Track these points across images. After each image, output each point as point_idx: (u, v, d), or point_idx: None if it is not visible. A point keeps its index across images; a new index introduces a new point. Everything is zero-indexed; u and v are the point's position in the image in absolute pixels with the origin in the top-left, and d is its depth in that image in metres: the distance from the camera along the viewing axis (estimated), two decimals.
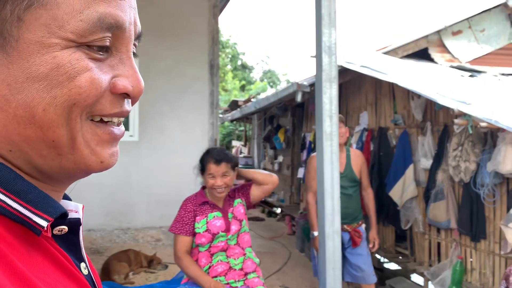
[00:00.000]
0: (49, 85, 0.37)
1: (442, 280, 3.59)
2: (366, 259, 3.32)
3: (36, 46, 0.36)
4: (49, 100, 0.37)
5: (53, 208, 0.38)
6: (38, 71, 0.36)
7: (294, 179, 7.65)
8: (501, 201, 3.21)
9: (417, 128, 4.16)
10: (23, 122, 0.37)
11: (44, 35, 0.36)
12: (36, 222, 0.36)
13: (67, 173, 0.41)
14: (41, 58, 0.37)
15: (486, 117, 2.57)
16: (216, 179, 2.25)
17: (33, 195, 0.37)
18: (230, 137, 15.91)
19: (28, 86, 0.36)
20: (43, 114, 0.37)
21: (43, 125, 0.38)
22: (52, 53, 0.37)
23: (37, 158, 0.39)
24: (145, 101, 5.68)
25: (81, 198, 5.00)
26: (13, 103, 0.37)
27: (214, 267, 2.26)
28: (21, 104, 0.37)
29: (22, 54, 0.36)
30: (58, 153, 0.39)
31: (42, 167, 0.40)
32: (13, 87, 0.36)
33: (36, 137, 0.38)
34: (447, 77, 4.17)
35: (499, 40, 4.99)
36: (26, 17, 0.36)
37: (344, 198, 3.27)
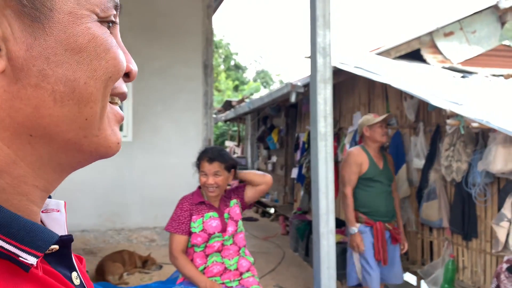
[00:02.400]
0: (88, 57, 0.36)
1: (434, 278, 3.63)
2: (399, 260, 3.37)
3: (70, 17, 0.35)
4: (89, 72, 0.36)
5: (41, 241, 0.33)
6: (77, 42, 0.35)
7: (287, 179, 7.68)
8: (492, 200, 3.26)
9: (409, 129, 4.20)
10: (61, 99, 0.35)
11: (75, 6, 0.35)
12: (24, 258, 0.32)
13: (82, 158, 0.39)
14: (77, 29, 0.35)
15: (477, 118, 2.61)
16: (208, 177, 2.27)
17: (17, 227, 0.32)
18: (223, 137, 15.90)
19: (68, 59, 0.35)
20: (84, 88, 0.36)
21: (82, 100, 0.36)
22: (86, 23, 0.36)
23: (59, 143, 0.37)
24: (139, 102, 5.66)
25: (74, 198, 4.99)
26: (52, 78, 0.34)
27: (209, 268, 2.27)
28: (61, 78, 0.34)
29: (58, 25, 0.34)
30: (85, 135, 0.37)
31: (58, 155, 0.37)
32: (51, 60, 0.34)
33: (70, 115, 0.36)
34: (439, 78, 4.22)
35: (490, 42, 5.06)
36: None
37: (386, 195, 3.28)
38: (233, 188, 2.47)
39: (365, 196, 3.24)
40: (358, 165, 3.23)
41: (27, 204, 0.36)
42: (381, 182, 3.26)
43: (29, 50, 0.33)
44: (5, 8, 0.32)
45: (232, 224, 2.33)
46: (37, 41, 0.34)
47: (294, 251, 5.46)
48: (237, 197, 2.42)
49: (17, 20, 0.33)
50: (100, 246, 5.04)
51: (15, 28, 0.33)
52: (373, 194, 3.24)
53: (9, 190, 0.35)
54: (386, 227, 3.24)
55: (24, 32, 0.33)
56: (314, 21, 2.65)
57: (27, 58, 0.33)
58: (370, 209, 3.22)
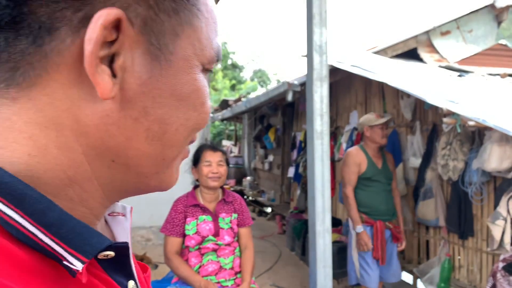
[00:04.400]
0: (187, 106, 0.38)
1: (430, 277, 3.63)
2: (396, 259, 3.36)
3: (184, 64, 0.37)
4: (183, 120, 0.38)
5: (90, 246, 0.32)
6: (182, 90, 0.37)
7: (284, 179, 7.67)
8: (488, 199, 3.26)
9: (406, 127, 4.20)
10: (152, 138, 0.37)
11: (191, 55, 0.37)
12: (69, 263, 0.31)
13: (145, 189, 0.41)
14: (186, 77, 0.37)
15: (474, 116, 2.60)
16: (212, 166, 2.26)
17: (67, 229, 0.32)
18: (220, 136, 15.87)
19: (170, 103, 0.36)
20: (174, 133, 0.38)
21: (168, 144, 0.38)
22: (194, 74, 0.38)
23: (133, 174, 0.38)
24: None
25: None
26: (151, 117, 0.36)
27: (204, 266, 2.26)
28: (159, 119, 0.36)
29: (172, 69, 0.36)
30: (156, 171, 0.39)
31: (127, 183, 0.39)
32: (156, 100, 0.36)
33: (153, 154, 0.38)
34: (436, 77, 4.22)
35: (486, 41, 5.07)
36: (180, 33, 0.36)
37: (385, 193, 3.28)
38: (241, 206, 2.40)
39: (365, 196, 3.25)
40: (357, 165, 3.23)
41: (90, 217, 0.38)
42: (380, 182, 3.26)
43: (141, 85, 0.35)
44: (137, 44, 0.34)
45: (230, 234, 2.30)
46: (150, 79, 0.35)
47: (290, 250, 5.46)
48: (238, 215, 2.37)
49: (140, 55, 0.34)
50: None
51: (136, 62, 0.34)
52: (373, 193, 3.24)
53: (77, 200, 0.36)
54: (387, 225, 3.24)
55: (142, 68, 0.35)
56: (310, 19, 2.64)
57: (137, 92, 0.35)
58: (370, 208, 3.22)
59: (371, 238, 3.18)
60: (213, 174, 2.25)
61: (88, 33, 0.31)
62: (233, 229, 2.32)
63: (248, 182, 9.67)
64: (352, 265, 3.27)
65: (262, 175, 9.54)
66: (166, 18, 0.35)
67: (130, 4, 0.33)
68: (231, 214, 2.34)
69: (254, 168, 10.14)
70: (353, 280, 3.29)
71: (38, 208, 0.31)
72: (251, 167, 10.45)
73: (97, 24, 0.31)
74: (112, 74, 0.33)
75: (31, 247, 0.31)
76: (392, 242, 3.30)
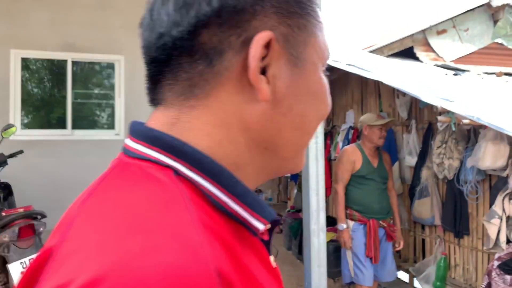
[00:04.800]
0: (317, 100, 0.47)
1: (426, 276, 3.63)
2: (392, 257, 3.36)
3: (312, 67, 0.46)
4: (314, 112, 0.47)
5: (267, 213, 0.43)
6: (313, 88, 0.47)
7: (281, 178, 7.67)
8: (483, 198, 3.26)
9: (402, 126, 4.19)
10: (295, 127, 0.46)
11: (315, 59, 0.47)
12: (253, 224, 0.42)
13: (282, 172, 0.50)
14: (314, 77, 0.47)
15: (468, 114, 2.60)
16: None
17: (250, 199, 0.42)
18: None
19: (306, 99, 0.46)
20: (309, 123, 0.47)
21: (305, 132, 0.47)
22: (319, 74, 0.47)
23: (278, 159, 0.47)
24: (131, 99, 5.62)
25: (66, 198, 4.87)
26: (294, 111, 0.45)
27: None
28: (299, 112, 0.46)
29: (305, 73, 0.45)
30: (294, 156, 0.48)
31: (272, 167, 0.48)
32: (297, 98, 0.45)
33: (294, 141, 0.47)
34: (432, 76, 4.21)
35: (482, 40, 5.06)
36: (308, 43, 0.46)
37: (380, 192, 3.28)
38: None
39: (358, 194, 3.25)
40: (351, 163, 3.24)
41: None
42: (375, 180, 3.26)
43: (286, 88, 0.44)
44: (281, 55, 0.43)
45: None
46: (292, 82, 0.44)
47: (287, 249, 5.45)
48: None
49: (285, 64, 0.44)
50: None
51: (282, 70, 0.44)
52: (366, 191, 3.24)
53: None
54: (381, 224, 3.23)
55: (286, 74, 0.44)
56: None
57: (284, 93, 0.44)
58: (363, 206, 3.22)
59: (365, 237, 3.18)
60: None
61: (251, 52, 0.41)
62: None
63: None
64: (346, 264, 3.27)
65: None
66: (299, 33, 0.45)
67: (276, 26, 0.43)
68: None
69: None
70: (347, 278, 3.29)
71: (230, 182, 0.41)
72: None
73: (258, 45, 0.41)
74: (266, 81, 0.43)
75: (221, 211, 0.40)
76: (386, 241, 3.30)
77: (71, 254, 0.34)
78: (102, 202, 0.39)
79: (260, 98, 0.42)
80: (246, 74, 0.42)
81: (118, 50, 5.60)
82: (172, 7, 0.42)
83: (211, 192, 0.40)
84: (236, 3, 0.41)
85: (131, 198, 0.37)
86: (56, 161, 5.38)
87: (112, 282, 0.30)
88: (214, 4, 0.41)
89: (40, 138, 5.38)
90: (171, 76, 0.43)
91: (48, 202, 4.69)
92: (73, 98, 5.63)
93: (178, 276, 0.31)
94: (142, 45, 0.47)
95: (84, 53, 5.54)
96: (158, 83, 0.45)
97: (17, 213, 2.62)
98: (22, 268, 2.46)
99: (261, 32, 0.41)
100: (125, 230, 0.34)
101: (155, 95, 0.46)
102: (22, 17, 5.30)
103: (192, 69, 0.42)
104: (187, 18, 0.41)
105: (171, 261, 0.31)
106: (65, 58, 5.53)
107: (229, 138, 0.43)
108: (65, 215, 0.44)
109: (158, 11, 0.44)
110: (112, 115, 5.76)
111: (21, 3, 5.30)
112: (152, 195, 0.37)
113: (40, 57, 5.55)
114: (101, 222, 0.36)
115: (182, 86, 0.43)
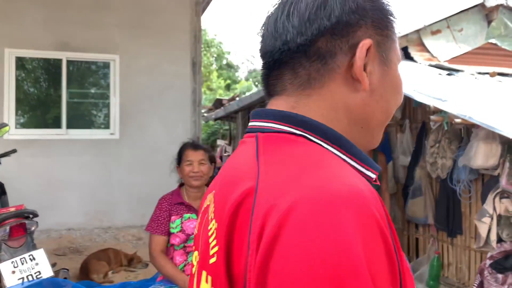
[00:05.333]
0: (397, 92, 0.62)
1: (420, 275, 3.64)
2: None
3: (394, 66, 0.61)
4: (394, 100, 0.62)
5: (374, 166, 0.57)
6: (395, 82, 0.61)
7: None
8: (476, 197, 3.27)
9: (396, 126, 4.20)
10: (383, 111, 0.61)
11: (395, 59, 0.61)
12: (367, 175, 0.56)
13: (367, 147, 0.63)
14: (395, 74, 0.61)
15: (460, 113, 2.61)
16: (193, 165, 2.24)
17: (362, 156, 0.57)
18: (215, 136, 15.85)
19: (390, 90, 0.61)
20: (391, 108, 0.62)
21: (388, 115, 0.62)
22: (397, 71, 0.62)
23: (369, 135, 0.62)
24: (126, 99, 5.61)
25: (60, 197, 4.88)
26: (383, 99, 0.60)
27: (189, 265, 2.25)
28: (386, 100, 0.60)
29: (390, 71, 0.60)
30: (379, 133, 0.63)
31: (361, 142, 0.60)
32: (385, 89, 0.60)
33: (382, 121, 0.62)
34: (426, 75, 4.23)
35: (476, 40, 5.08)
36: (391, 46, 0.60)
37: None
38: None
39: None
40: None
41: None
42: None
43: (378, 81, 0.58)
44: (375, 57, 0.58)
45: None
46: (382, 77, 0.59)
47: None
48: None
49: (377, 64, 0.58)
50: (87, 244, 4.99)
51: (375, 68, 0.58)
52: None
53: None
54: None
55: (378, 71, 0.58)
56: None
57: (377, 85, 0.58)
58: None
59: None
60: (194, 174, 2.24)
61: (358, 54, 0.55)
62: None
63: None
64: None
65: None
66: (387, 40, 0.60)
67: (373, 35, 0.57)
68: None
69: None
70: None
71: (347, 145, 0.56)
72: None
73: (362, 49, 0.56)
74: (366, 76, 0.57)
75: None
76: None
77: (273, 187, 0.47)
78: (276, 156, 0.53)
79: (361, 88, 0.57)
80: (350, 70, 0.56)
81: (113, 49, 5.59)
82: (297, 21, 0.57)
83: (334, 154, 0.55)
84: (348, 19, 0.56)
85: (298, 151, 0.53)
86: (51, 160, 5.37)
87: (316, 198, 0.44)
88: (333, 20, 0.56)
89: (35, 138, 5.36)
90: (291, 73, 0.58)
91: (42, 201, 4.68)
92: (68, 97, 5.62)
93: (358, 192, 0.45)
94: (263, 51, 0.61)
95: (79, 52, 5.52)
96: (278, 79, 0.59)
97: (8, 212, 2.61)
98: (14, 268, 2.45)
99: (364, 39, 0.56)
100: (310, 167, 0.49)
101: (274, 87, 0.61)
102: (17, 16, 5.28)
103: (310, 67, 0.57)
104: (310, 30, 0.56)
105: (351, 183, 0.46)
106: (60, 57, 5.51)
107: (337, 118, 0.58)
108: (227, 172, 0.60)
109: (284, 24, 0.58)
110: (107, 114, 5.75)
111: (16, 2, 5.28)
112: (309, 149, 0.53)
113: (35, 56, 5.53)
114: (286, 166, 0.50)
115: (301, 79, 0.58)
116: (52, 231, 5.16)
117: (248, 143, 0.59)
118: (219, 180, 0.61)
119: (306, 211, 0.43)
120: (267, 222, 0.44)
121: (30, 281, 2.44)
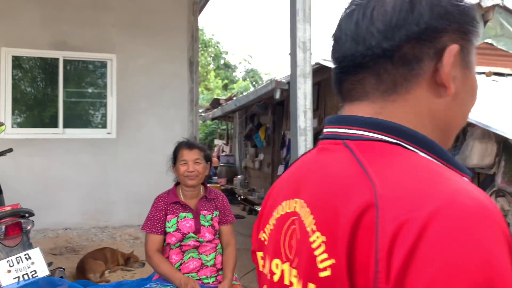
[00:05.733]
0: (474, 94, 0.61)
1: None
2: None
3: (468, 71, 0.59)
4: (471, 103, 0.62)
5: (467, 171, 0.56)
6: (473, 85, 0.61)
7: (274, 177, 7.68)
8: None
9: None
10: (462, 115, 0.61)
11: (473, 63, 0.60)
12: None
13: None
14: (473, 77, 0.60)
15: None
16: (188, 165, 2.24)
17: (456, 162, 0.55)
18: (212, 135, 15.84)
19: (470, 94, 0.60)
20: (467, 112, 0.62)
21: (464, 118, 0.62)
22: (474, 75, 0.61)
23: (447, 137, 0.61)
24: (123, 98, 5.61)
25: (57, 196, 4.88)
26: (463, 102, 0.60)
27: (185, 263, 2.25)
28: (466, 103, 0.60)
29: (470, 74, 0.59)
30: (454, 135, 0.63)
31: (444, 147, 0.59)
32: (466, 93, 0.59)
33: (460, 124, 0.62)
34: None
35: None
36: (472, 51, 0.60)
37: None
38: (223, 203, 2.39)
39: None
40: None
41: None
42: None
43: (461, 86, 0.58)
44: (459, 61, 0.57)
45: (211, 231, 2.29)
46: (464, 81, 0.58)
47: None
48: (220, 213, 2.36)
49: (460, 68, 0.58)
50: (83, 244, 4.99)
51: (459, 73, 0.57)
52: None
53: None
54: None
55: (461, 75, 0.58)
56: (294, 15, 2.64)
57: (460, 90, 0.58)
58: None
59: None
60: (189, 173, 2.24)
61: (445, 60, 0.55)
62: (214, 226, 2.30)
63: (239, 181, 9.66)
64: None
65: (252, 174, 9.54)
66: (469, 44, 0.59)
67: (457, 40, 0.57)
68: (212, 212, 2.33)
69: (245, 167, 10.14)
70: None
71: (440, 151, 0.55)
72: (242, 165, 10.45)
73: (450, 55, 0.55)
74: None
75: None
76: None
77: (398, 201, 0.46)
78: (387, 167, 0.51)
79: (446, 94, 0.57)
80: (434, 75, 0.56)
81: (110, 48, 5.58)
82: (382, 25, 0.56)
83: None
84: (437, 25, 0.55)
85: (413, 161, 0.52)
86: (47, 160, 5.36)
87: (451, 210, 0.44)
88: (421, 25, 0.55)
89: (32, 137, 5.35)
90: (375, 78, 0.57)
91: (38, 200, 4.67)
92: (65, 96, 5.60)
93: (487, 207, 0.45)
94: (341, 54, 0.60)
95: (76, 51, 5.51)
96: (359, 83, 0.59)
97: (4, 211, 2.60)
98: (9, 267, 2.44)
99: (450, 45, 0.56)
100: (435, 179, 0.48)
101: (352, 92, 0.60)
102: (13, 15, 5.27)
103: (395, 72, 0.56)
104: (398, 35, 0.55)
105: (480, 198, 0.45)
106: (57, 56, 5.50)
107: (422, 124, 0.57)
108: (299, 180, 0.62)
109: (367, 28, 0.56)
110: (104, 114, 5.74)
111: (13, 1, 5.26)
112: (420, 158, 0.53)
113: (32, 55, 5.52)
114: (404, 178, 0.49)
115: (386, 85, 0.57)
116: (49, 230, 5.15)
117: (336, 151, 0.57)
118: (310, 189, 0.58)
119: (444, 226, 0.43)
120: (399, 236, 0.44)
121: (26, 280, 2.44)
